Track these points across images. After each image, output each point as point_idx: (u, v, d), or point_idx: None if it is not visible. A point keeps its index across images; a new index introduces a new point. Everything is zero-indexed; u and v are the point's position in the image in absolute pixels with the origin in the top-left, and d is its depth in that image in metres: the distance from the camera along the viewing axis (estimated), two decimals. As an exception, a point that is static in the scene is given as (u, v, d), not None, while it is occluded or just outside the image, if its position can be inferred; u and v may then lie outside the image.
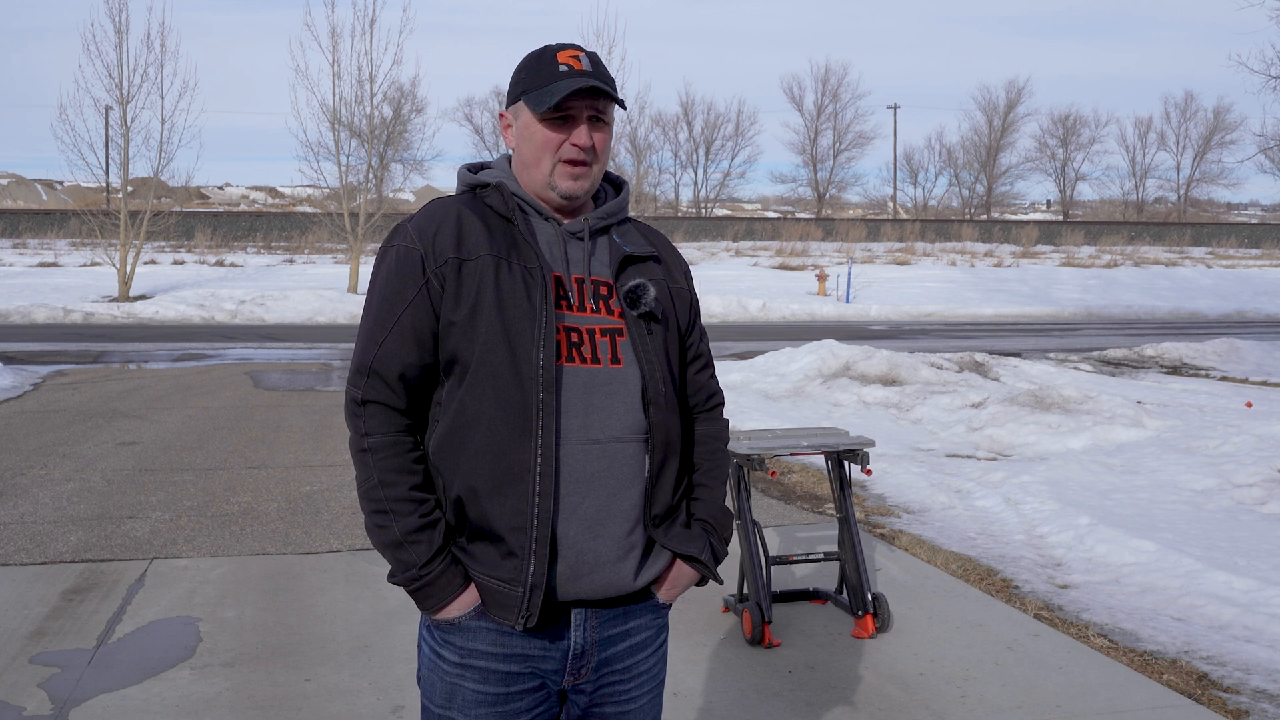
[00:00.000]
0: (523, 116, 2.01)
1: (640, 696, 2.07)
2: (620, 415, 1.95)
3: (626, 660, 2.04)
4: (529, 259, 1.96)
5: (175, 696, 4.04)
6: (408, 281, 1.95)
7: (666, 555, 2.04)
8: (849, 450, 4.96)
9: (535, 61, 2.01)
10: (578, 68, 1.97)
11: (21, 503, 6.92)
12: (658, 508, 1.99)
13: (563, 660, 1.98)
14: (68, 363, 14.68)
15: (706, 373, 2.19)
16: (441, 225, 1.97)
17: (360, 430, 1.96)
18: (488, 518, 1.91)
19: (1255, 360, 15.56)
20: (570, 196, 2.00)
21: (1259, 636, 4.76)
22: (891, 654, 4.56)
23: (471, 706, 1.96)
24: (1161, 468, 7.82)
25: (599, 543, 1.93)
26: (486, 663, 1.96)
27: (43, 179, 72.37)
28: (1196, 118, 69.64)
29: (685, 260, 2.22)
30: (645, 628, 2.06)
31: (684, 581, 2.07)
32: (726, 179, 69.04)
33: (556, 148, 1.98)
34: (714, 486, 2.13)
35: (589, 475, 1.92)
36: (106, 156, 34.41)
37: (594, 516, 1.92)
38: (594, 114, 1.99)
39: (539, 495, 1.88)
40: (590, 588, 1.94)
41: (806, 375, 12.23)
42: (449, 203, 2.03)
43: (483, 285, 1.92)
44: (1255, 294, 30.96)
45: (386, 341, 1.94)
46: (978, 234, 48.90)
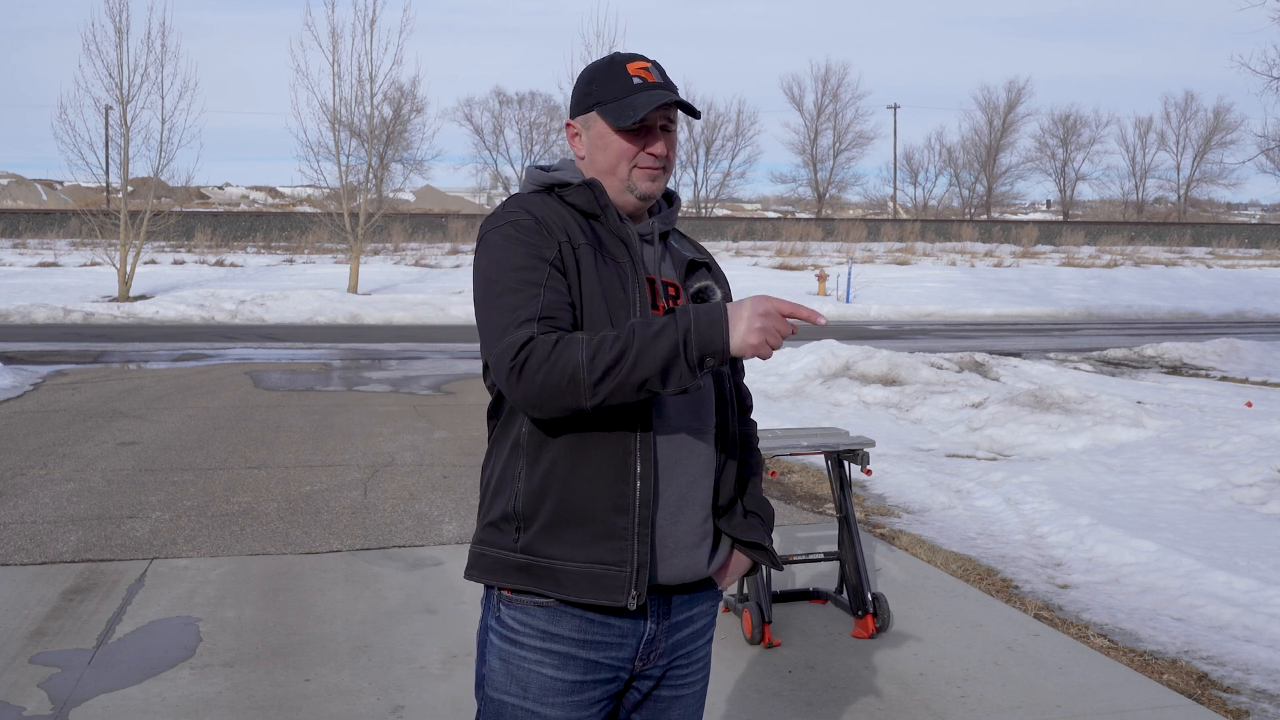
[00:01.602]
0: (596, 126, 2.05)
1: (695, 682, 2.14)
2: (699, 410, 2.03)
3: (689, 646, 2.10)
4: (620, 254, 2.01)
5: (175, 696, 4.04)
6: (542, 245, 1.94)
7: (727, 544, 2.12)
8: (849, 450, 4.96)
9: (606, 73, 2.06)
10: (650, 80, 2.03)
11: (21, 503, 6.92)
12: (723, 499, 2.08)
13: (637, 646, 2.02)
14: (68, 363, 14.68)
15: (742, 377, 2.29)
16: (543, 210, 2.00)
17: (546, 345, 1.83)
18: (585, 499, 1.92)
19: (1255, 360, 15.56)
20: (647, 197, 2.06)
21: (1259, 636, 4.76)
22: (891, 654, 4.56)
23: (549, 694, 1.97)
24: (1161, 468, 7.82)
25: (679, 528, 2.00)
26: (568, 648, 1.96)
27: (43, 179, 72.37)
28: (1197, 118, 69.71)
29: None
30: (705, 614, 2.14)
31: (739, 570, 2.16)
32: (726, 179, 69.08)
33: (633, 157, 2.03)
34: (756, 482, 2.23)
35: (672, 464, 1.98)
36: (106, 156, 34.44)
37: (676, 503, 1.99)
38: (664, 123, 2.05)
39: (640, 479, 1.92)
40: (672, 571, 2.00)
41: (806, 375, 12.23)
42: (533, 197, 2.05)
43: (585, 272, 1.96)
44: (1255, 294, 30.96)
45: (545, 294, 1.89)
46: (978, 234, 48.90)
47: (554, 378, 1.81)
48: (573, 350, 1.81)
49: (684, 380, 1.81)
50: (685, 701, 2.13)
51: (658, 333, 1.80)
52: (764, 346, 1.80)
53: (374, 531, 6.37)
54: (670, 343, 1.79)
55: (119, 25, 24.81)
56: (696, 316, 1.80)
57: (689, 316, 1.80)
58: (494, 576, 1.99)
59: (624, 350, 1.79)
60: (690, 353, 1.79)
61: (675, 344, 1.79)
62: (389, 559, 5.82)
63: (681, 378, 1.80)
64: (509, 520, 1.97)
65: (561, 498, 1.92)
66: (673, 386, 1.81)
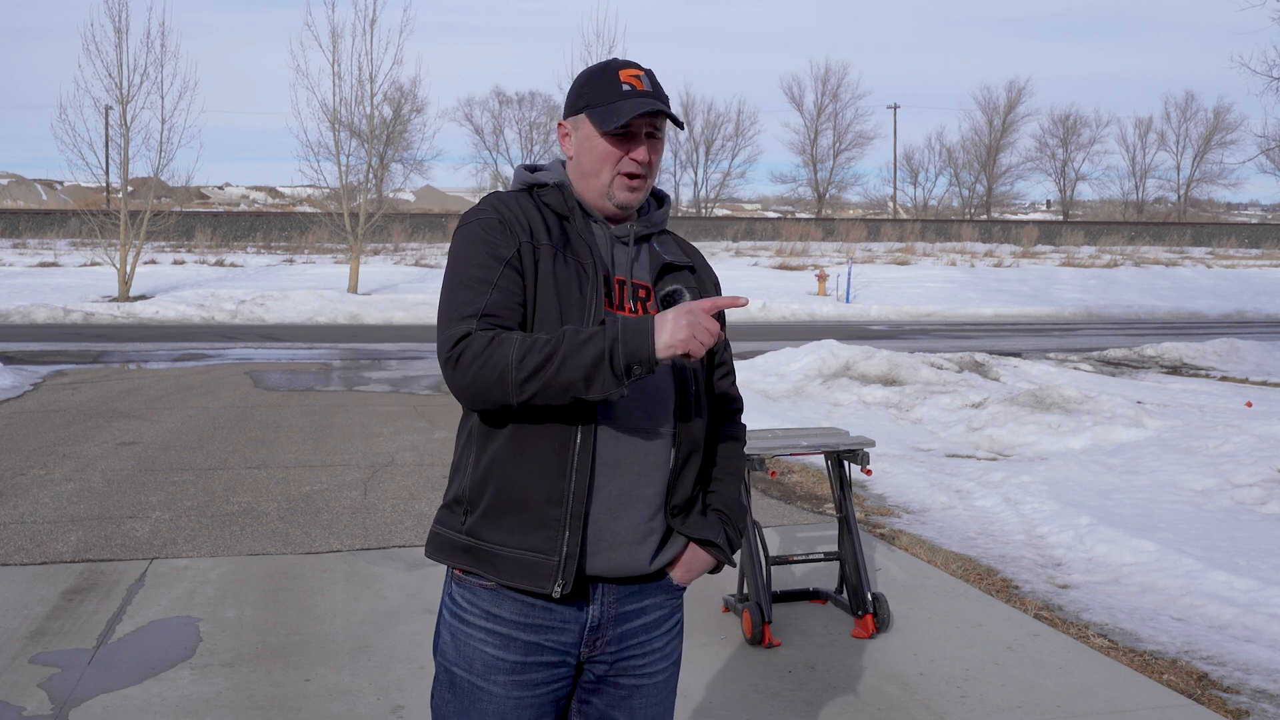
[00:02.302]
0: (584, 129, 2.12)
1: (656, 674, 2.18)
2: (651, 410, 2.07)
3: (641, 636, 2.15)
4: (583, 255, 2.08)
5: (175, 696, 4.04)
6: (502, 245, 2.04)
7: (682, 542, 2.16)
8: (849, 450, 4.96)
9: (599, 77, 2.12)
10: (639, 88, 2.09)
11: (21, 503, 6.92)
12: (677, 499, 2.12)
13: (580, 632, 2.08)
14: (68, 363, 14.68)
15: (729, 379, 2.32)
16: (514, 211, 2.09)
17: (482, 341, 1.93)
18: (522, 489, 2.01)
19: (1255, 360, 15.56)
20: (625, 206, 2.14)
21: (1259, 636, 4.77)
22: (891, 654, 4.56)
23: (491, 672, 2.06)
24: (1161, 468, 7.82)
25: (618, 523, 2.05)
26: (510, 630, 2.05)
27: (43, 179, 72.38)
28: (1197, 118, 69.72)
29: (715, 273, 2.34)
30: (659, 607, 2.17)
31: (699, 566, 2.18)
32: (726, 179, 69.11)
33: (617, 161, 2.10)
34: (730, 481, 2.26)
35: (616, 460, 2.04)
36: (106, 156, 34.42)
37: (617, 498, 2.05)
38: (651, 130, 2.11)
39: (576, 472, 2.00)
40: (606, 564, 2.06)
41: (806, 375, 12.23)
42: (509, 195, 2.15)
43: (543, 272, 2.04)
44: (1255, 294, 30.96)
45: (494, 293, 2.00)
46: (978, 234, 48.91)
47: (485, 373, 1.91)
48: (505, 349, 1.91)
49: (607, 388, 1.87)
50: (647, 692, 2.17)
51: (586, 340, 1.88)
52: (691, 341, 1.86)
53: (374, 531, 6.37)
54: (596, 350, 1.87)
55: (119, 25, 24.81)
56: (624, 326, 1.88)
57: (617, 326, 1.88)
58: (444, 555, 2.11)
59: (552, 354, 1.88)
60: (616, 361, 1.86)
61: (601, 352, 1.86)
62: (389, 559, 5.82)
63: (605, 385, 1.87)
64: (459, 503, 2.10)
65: (500, 485, 2.03)
66: (595, 393, 1.88)
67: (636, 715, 2.17)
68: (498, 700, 2.05)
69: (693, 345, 1.86)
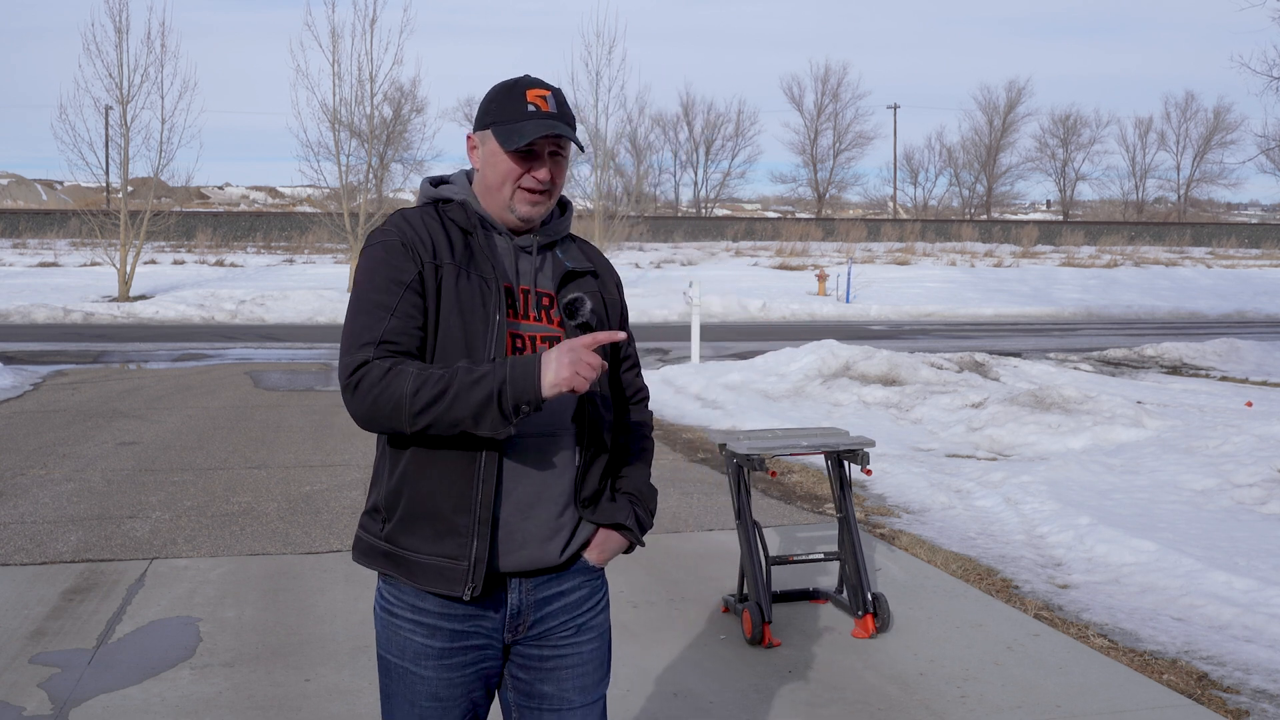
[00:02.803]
0: (490, 144, 2.18)
1: (581, 644, 2.28)
2: (557, 413, 2.16)
3: (563, 616, 2.25)
4: (485, 270, 2.15)
5: (175, 696, 4.05)
6: (403, 268, 2.10)
7: (591, 527, 2.27)
8: (849, 450, 4.96)
9: (506, 95, 2.18)
10: (544, 109, 2.15)
11: (21, 503, 6.92)
12: (586, 492, 2.22)
13: (502, 620, 2.20)
14: (68, 363, 14.68)
15: (634, 372, 2.44)
16: (418, 231, 2.15)
17: (380, 371, 2.01)
18: (433, 499, 2.11)
19: (1255, 360, 15.56)
20: (527, 219, 2.20)
21: (1259, 636, 4.77)
22: (891, 654, 4.56)
23: (420, 658, 2.18)
24: (1161, 468, 7.82)
25: (529, 523, 2.16)
26: (433, 620, 2.17)
27: (43, 179, 72.34)
28: (1197, 118, 69.71)
29: (618, 274, 2.44)
30: (579, 587, 2.27)
31: (612, 547, 2.29)
32: (726, 179, 69.10)
33: (518, 178, 2.16)
34: (639, 466, 2.39)
35: (526, 464, 2.15)
36: (106, 156, 34.40)
37: (527, 500, 2.15)
38: (554, 150, 2.18)
39: (483, 482, 2.09)
40: (519, 562, 2.17)
41: (806, 375, 12.23)
42: (414, 213, 2.21)
43: (445, 290, 2.11)
44: (1255, 294, 30.96)
45: (393, 319, 2.07)
46: (978, 234, 48.92)
47: (381, 403, 2.01)
48: (400, 381, 1.99)
49: (495, 426, 1.97)
50: (573, 663, 2.27)
51: (477, 380, 1.97)
52: (575, 378, 1.95)
53: (374, 531, 6.36)
54: (486, 391, 1.96)
55: (119, 25, 24.83)
56: (513, 367, 1.97)
57: (505, 368, 1.97)
58: (368, 560, 2.23)
59: (444, 390, 1.97)
60: (505, 402, 1.96)
61: (490, 393, 1.96)
62: (389, 559, 5.82)
63: (494, 424, 1.97)
64: (378, 511, 2.20)
65: (412, 496, 2.13)
66: (485, 430, 1.98)
67: (564, 687, 2.26)
68: (429, 682, 2.18)
69: (576, 382, 1.95)
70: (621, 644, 4.61)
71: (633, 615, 4.98)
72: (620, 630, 4.78)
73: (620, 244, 31.78)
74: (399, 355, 2.05)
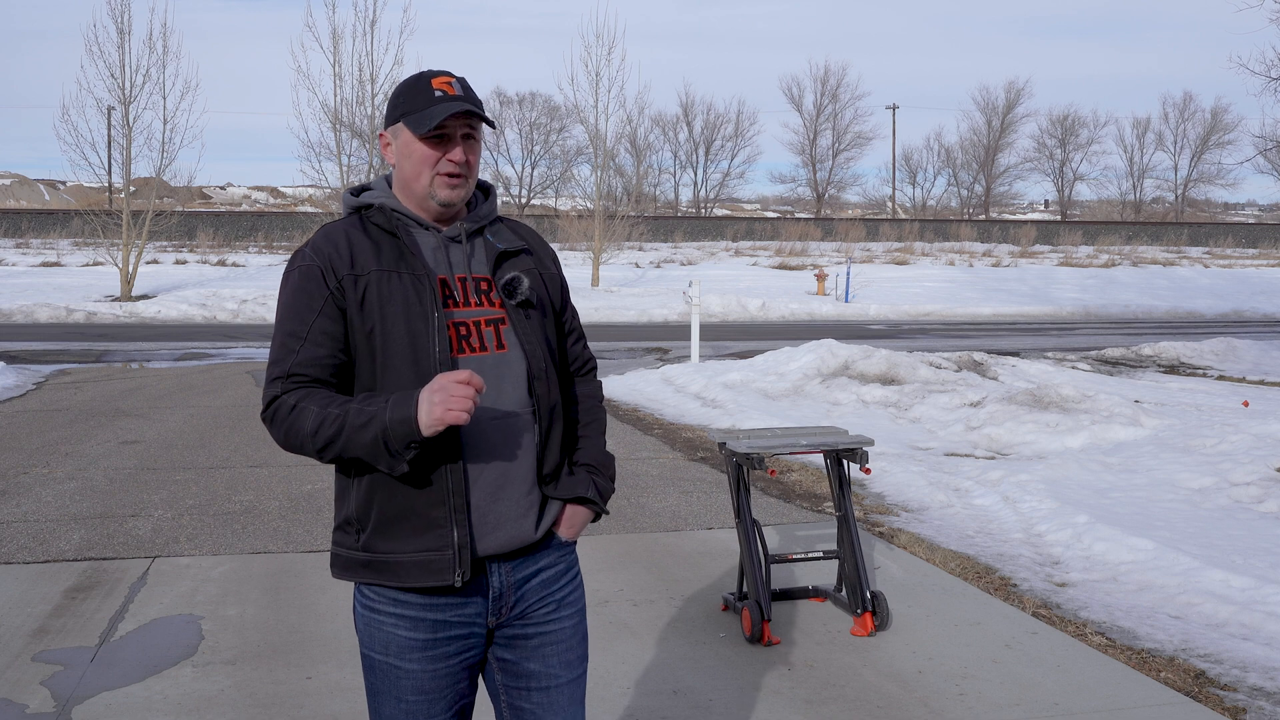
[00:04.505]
0: (403, 136, 2.23)
1: (562, 620, 2.33)
2: (509, 393, 2.21)
3: (541, 592, 2.30)
4: (416, 267, 2.19)
5: (177, 694, 4.07)
6: (314, 293, 2.17)
7: (559, 504, 2.32)
8: (848, 449, 4.98)
9: (413, 88, 2.24)
10: (451, 93, 2.21)
11: (24, 501, 6.94)
12: (547, 468, 2.27)
13: (484, 604, 2.24)
14: (70, 362, 14.70)
15: (580, 344, 2.50)
16: (336, 247, 2.20)
17: (286, 408, 2.12)
18: (406, 499, 2.15)
19: (1252, 359, 15.59)
20: (448, 204, 2.24)
21: (1256, 634, 4.79)
22: (890, 652, 4.59)
23: (405, 651, 2.21)
24: (1159, 466, 7.84)
25: (501, 505, 2.21)
26: (418, 612, 2.20)
27: (45, 179, 72.30)
28: (1194, 118, 69.72)
29: (552, 249, 2.48)
30: (554, 564, 2.32)
31: (579, 520, 2.35)
32: (726, 179, 69.16)
33: (434, 163, 2.21)
34: (593, 436, 2.44)
35: (488, 447, 2.19)
36: (109, 156, 34.38)
37: (495, 483, 2.20)
38: (467, 132, 2.23)
39: (450, 474, 2.14)
40: (497, 543, 2.21)
41: (805, 374, 12.25)
42: (336, 227, 2.26)
43: (381, 297, 2.16)
44: (1252, 293, 30.96)
45: (303, 348, 2.14)
46: (976, 234, 48.91)
47: (291, 438, 2.12)
48: (303, 421, 2.09)
49: (391, 464, 2.06)
50: (556, 638, 2.32)
51: (364, 424, 2.05)
52: (449, 414, 1.99)
53: (375, 530, 6.38)
54: (371, 435, 2.04)
55: (121, 26, 24.80)
56: (391, 412, 2.03)
57: (386, 414, 2.03)
58: (348, 573, 2.26)
59: (339, 432, 2.06)
60: (392, 444, 2.03)
61: (376, 437, 2.04)
62: (390, 557, 5.84)
63: (387, 462, 2.06)
64: (350, 524, 2.24)
65: (385, 501, 2.17)
66: (383, 467, 2.08)
67: (549, 663, 2.31)
68: (414, 675, 2.22)
69: (451, 418, 1.99)
70: (621, 641, 4.65)
71: (632, 613, 5.01)
72: (620, 628, 4.81)
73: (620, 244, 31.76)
74: (310, 384, 2.13)
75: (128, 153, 25.38)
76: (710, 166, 68.49)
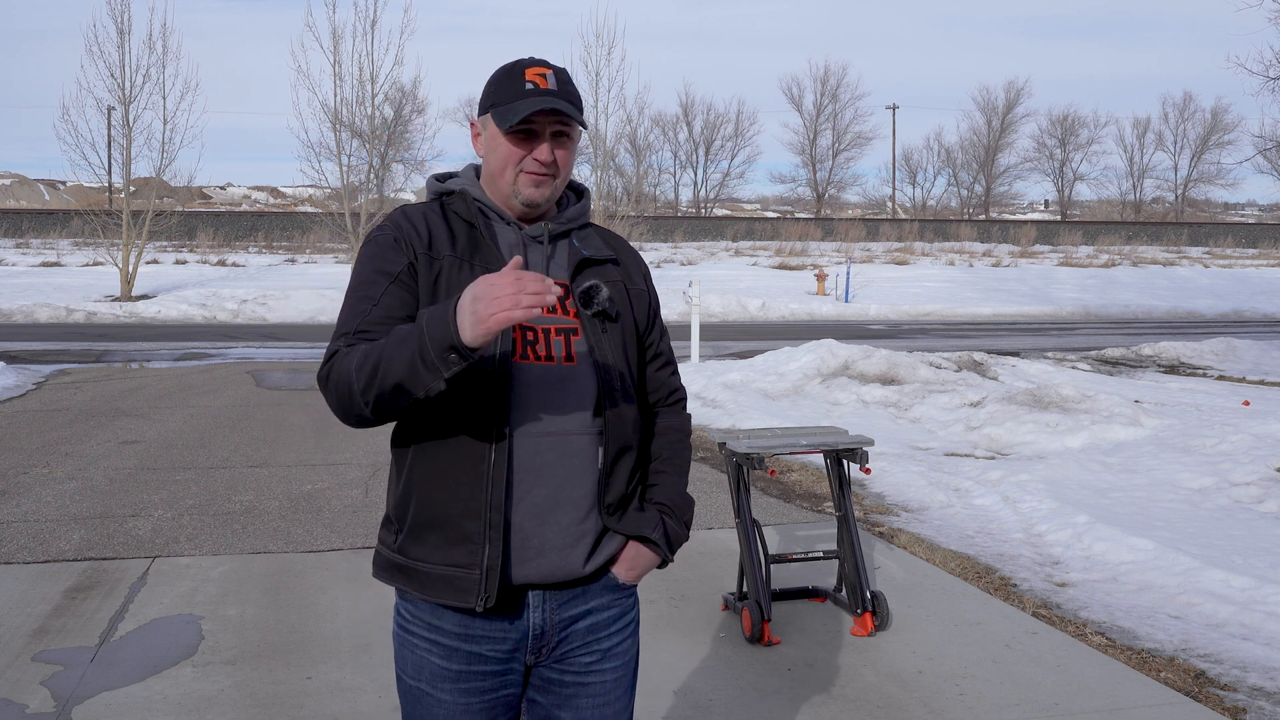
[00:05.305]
0: (490, 128, 2.09)
1: (604, 673, 2.14)
2: (572, 409, 2.02)
3: (588, 638, 2.11)
4: (491, 260, 2.04)
5: (177, 694, 4.07)
6: (392, 260, 2.03)
7: (619, 540, 2.11)
8: (848, 449, 4.98)
9: (505, 77, 2.08)
10: (543, 86, 2.03)
11: (24, 501, 6.95)
12: (611, 496, 2.07)
13: (523, 640, 2.06)
14: (70, 362, 14.70)
15: (667, 370, 2.27)
16: (414, 225, 2.07)
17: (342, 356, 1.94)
18: (440, 504, 1.99)
19: (1252, 359, 15.59)
20: (532, 204, 2.08)
21: (1256, 634, 4.79)
22: (890, 652, 4.59)
23: (437, 680, 2.06)
24: (1159, 466, 7.84)
25: (545, 529, 2.01)
26: (451, 641, 2.04)
27: (45, 179, 72.29)
28: (1194, 118, 69.70)
29: (646, 263, 2.28)
30: (606, 607, 2.13)
31: (642, 563, 2.14)
32: (726, 179, 69.13)
33: (519, 161, 2.05)
34: (672, 473, 2.21)
35: (539, 466, 2.00)
36: (109, 156, 34.38)
37: (541, 505, 2.01)
38: (557, 130, 2.06)
39: (491, 484, 1.96)
40: (537, 571, 2.02)
41: (805, 374, 12.25)
42: (416, 208, 2.12)
43: (450, 285, 2.01)
44: (1252, 293, 30.96)
45: (374, 310, 1.98)
46: (976, 234, 48.90)
47: (340, 388, 1.92)
48: (350, 359, 1.90)
49: (428, 383, 1.81)
50: (594, 691, 2.13)
51: (404, 338, 1.84)
52: (496, 317, 1.72)
53: (375, 530, 6.39)
54: (410, 349, 1.82)
55: (121, 26, 24.79)
56: (430, 316, 1.82)
57: (423, 319, 1.83)
58: (385, 574, 2.11)
59: (380, 358, 1.85)
60: (428, 354, 1.79)
61: (413, 349, 1.81)
62: (390, 557, 5.84)
63: (424, 380, 1.81)
64: (390, 521, 2.10)
65: (419, 502, 2.02)
66: (420, 390, 1.82)
67: (583, 716, 2.13)
68: (447, 706, 2.06)
69: (503, 319, 1.72)
70: (622, 642, 4.65)
71: (633, 613, 5.01)
72: (620, 628, 4.81)
73: (620, 244, 31.73)
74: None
75: (128, 153, 25.38)
76: (710, 166, 68.53)
